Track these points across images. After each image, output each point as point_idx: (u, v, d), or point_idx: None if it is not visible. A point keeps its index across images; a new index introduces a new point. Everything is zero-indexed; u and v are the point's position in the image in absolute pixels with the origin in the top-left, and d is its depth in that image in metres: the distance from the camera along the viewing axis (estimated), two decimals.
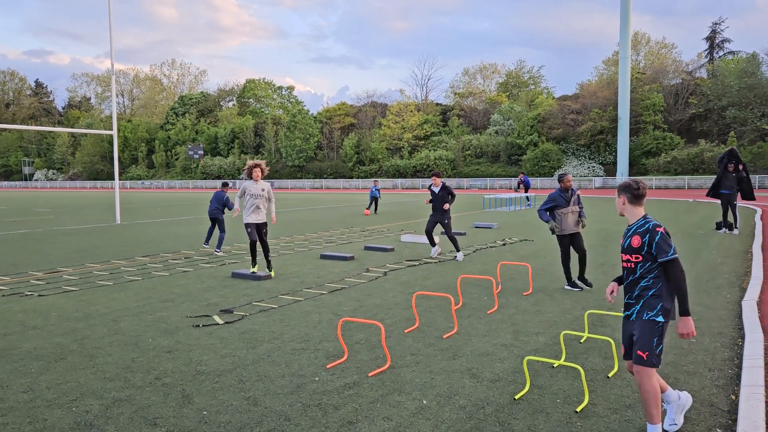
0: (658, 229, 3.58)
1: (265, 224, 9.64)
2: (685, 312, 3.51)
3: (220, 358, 5.30)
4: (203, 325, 6.44)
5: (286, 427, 3.86)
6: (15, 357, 5.41)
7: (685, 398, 3.85)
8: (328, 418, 3.99)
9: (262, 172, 9.58)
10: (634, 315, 3.70)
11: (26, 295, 8.27)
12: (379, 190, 24.89)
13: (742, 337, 5.75)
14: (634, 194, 3.74)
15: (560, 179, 8.34)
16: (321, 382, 4.70)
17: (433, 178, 11.19)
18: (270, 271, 9.57)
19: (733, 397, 4.28)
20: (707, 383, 4.56)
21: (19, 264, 11.22)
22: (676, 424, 3.76)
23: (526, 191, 29.03)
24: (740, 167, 14.63)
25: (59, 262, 11.45)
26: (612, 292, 3.96)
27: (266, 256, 9.68)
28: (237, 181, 74.68)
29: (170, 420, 3.99)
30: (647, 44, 70.59)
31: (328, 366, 5.06)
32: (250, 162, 9.52)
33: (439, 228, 16.25)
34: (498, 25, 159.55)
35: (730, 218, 16.51)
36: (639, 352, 3.56)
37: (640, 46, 69.70)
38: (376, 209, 25.01)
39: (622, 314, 5.43)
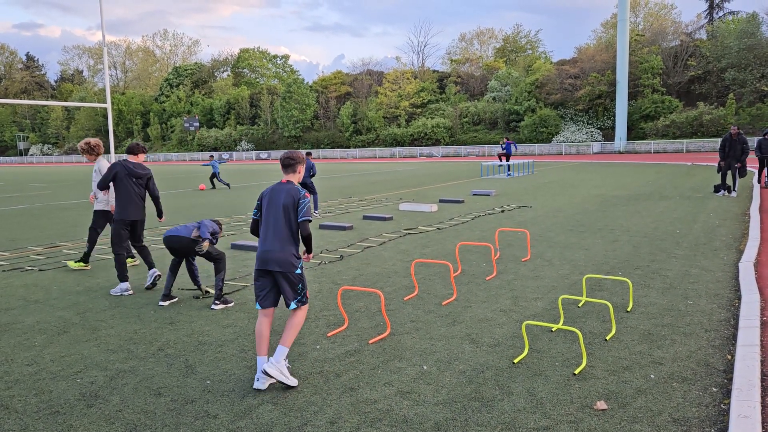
0: None
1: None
2: None
3: (222, 329, 5.35)
4: (204, 297, 6.48)
5: (288, 394, 3.92)
6: (18, 331, 5.45)
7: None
8: (330, 385, 4.05)
9: (85, 151, 7.88)
10: None
11: (26, 270, 8.30)
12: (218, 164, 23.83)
13: (739, 298, 5.80)
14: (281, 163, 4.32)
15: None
16: (322, 350, 4.75)
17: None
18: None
19: (729, 357, 4.34)
20: (704, 344, 4.62)
21: (18, 239, 11.23)
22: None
23: (507, 159, 26.87)
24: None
25: (58, 236, 11.46)
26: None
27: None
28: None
29: (174, 389, 4.04)
30: (646, 6, 69.56)
31: (328, 334, 5.11)
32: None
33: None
34: None
35: (729, 181, 16.51)
36: None
37: (639, 7, 68.68)
38: (213, 184, 24.06)
39: (621, 278, 5.47)
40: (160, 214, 7.35)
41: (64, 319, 5.78)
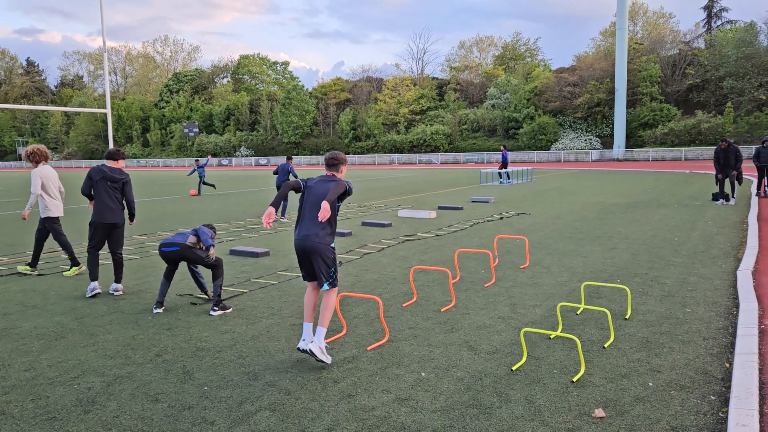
0: None
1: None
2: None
3: (220, 335, 5.34)
4: (201, 303, 6.47)
5: (286, 401, 3.91)
6: (15, 336, 5.44)
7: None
8: (328, 392, 4.04)
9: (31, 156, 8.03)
10: None
11: (24, 274, 8.28)
12: (203, 167, 23.46)
13: (737, 306, 5.80)
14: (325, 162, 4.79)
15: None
16: None
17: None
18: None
19: (727, 365, 4.34)
20: (702, 352, 4.62)
21: (16, 244, 11.21)
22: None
23: (504, 167, 26.99)
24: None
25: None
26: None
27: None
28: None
29: (171, 396, 4.03)
30: (645, 14, 69.94)
31: (327, 340, 5.10)
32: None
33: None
34: None
35: (727, 189, 16.55)
36: None
37: (637, 16, 69.04)
38: (212, 186, 24.44)
39: (619, 286, 5.48)
40: (131, 218, 7.36)
41: (62, 325, 5.77)
